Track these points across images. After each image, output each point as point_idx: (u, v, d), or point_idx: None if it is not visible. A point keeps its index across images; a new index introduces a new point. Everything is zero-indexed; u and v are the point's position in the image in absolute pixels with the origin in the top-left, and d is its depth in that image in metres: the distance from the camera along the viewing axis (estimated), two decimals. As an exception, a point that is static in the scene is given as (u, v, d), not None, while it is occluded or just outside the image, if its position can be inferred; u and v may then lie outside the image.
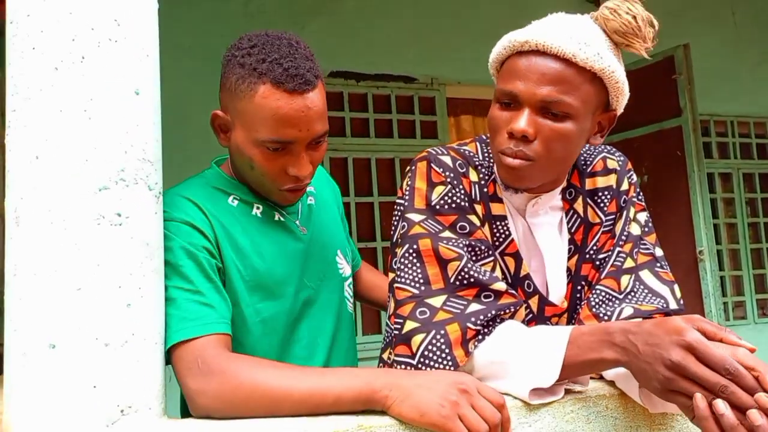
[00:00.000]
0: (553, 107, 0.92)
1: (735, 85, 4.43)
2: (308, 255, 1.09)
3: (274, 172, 0.99)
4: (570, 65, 0.91)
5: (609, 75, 0.93)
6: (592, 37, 0.93)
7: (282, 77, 0.94)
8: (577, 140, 0.96)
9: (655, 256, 1.03)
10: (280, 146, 0.97)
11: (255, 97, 0.94)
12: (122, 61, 0.81)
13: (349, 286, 1.19)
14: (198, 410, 0.84)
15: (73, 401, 0.74)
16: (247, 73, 0.95)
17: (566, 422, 0.86)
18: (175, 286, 0.90)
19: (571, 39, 0.91)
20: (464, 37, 3.68)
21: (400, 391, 0.79)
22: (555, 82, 0.91)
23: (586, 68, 0.92)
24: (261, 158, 0.98)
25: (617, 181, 1.08)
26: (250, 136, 0.97)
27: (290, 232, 1.09)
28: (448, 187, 0.98)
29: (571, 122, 0.93)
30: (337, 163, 3.45)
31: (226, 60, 1.00)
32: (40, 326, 0.75)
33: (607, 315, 0.95)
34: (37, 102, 0.78)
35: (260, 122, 0.95)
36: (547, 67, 0.91)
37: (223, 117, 1.01)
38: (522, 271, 1.01)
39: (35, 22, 0.78)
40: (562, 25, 0.94)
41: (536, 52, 0.92)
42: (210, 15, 3.12)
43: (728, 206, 4.51)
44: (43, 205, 0.77)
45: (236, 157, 1.03)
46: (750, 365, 0.71)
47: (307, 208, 1.14)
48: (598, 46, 0.93)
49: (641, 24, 0.93)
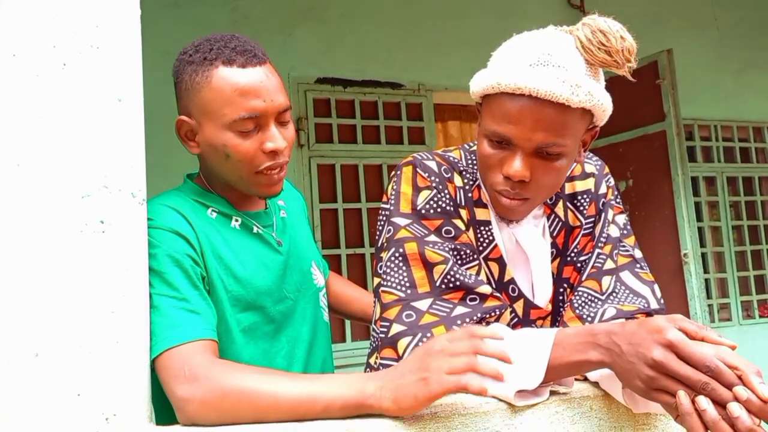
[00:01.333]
0: (548, 149, 0.92)
1: (718, 90, 4.49)
2: (287, 266, 1.10)
3: (250, 153, 0.99)
4: (563, 109, 0.90)
5: (599, 108, 0.93)
6: (578, 73, 0.91)
7: (232, 55, 0.97)
8: (568, 168, 0.97)
9: (635, 257, 1.04)
10: (250, 123, 0.97)
11: (212, 81, 0.97)
12: (104, 67, 0.81)
13: (323, 296, 1.20)
14: (185, 418, 0.83)
15: (58, 409, 0.74)
16: (198, 65, 0.98)
17: (551, 423, 0.86)
18: (160, 293, 0.89)
19: (563, 83, 0.89)
20: (451, 43, 3.71)
21: (389, 391, 0.79)
22: (549, 127, 0.90)
23: (578, 108, 0.91)
24: (234, 142, 0.98)
25: (595, 185, 1.09)
26: (219, 123, 0.97)
27: (269, 244, 1.09)
28: (434, 192, 0.99)
29: (565, 158, 0.94)
30: (324, 169, 3.45)
31: (176, 69, 1.02)
32: (23, 334, 0.74)
33: (590, 316, 0.96)
34: (18, 109, 0.77)
35: (224, 103, 0.96)
36: (541, 113, 0.90)
37: (188, 121, 1.01)
38: (506, 276, 1.02)
39: (16, 29, 0.78)
40: (550, 63, 0.91)
41: (528, 97, 0.90)
42: (195, 22, 3.12)
43: (712, 209, 4.56)
44: (25, 213, 0.76)
45: (210, 156, 1.02)
46: (732, 363, 0.72)
47: (281, 221, 1.15)
48: (586, 82, 0.91)
49: (617, 58, 0.91)
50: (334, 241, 3.43)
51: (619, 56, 0.90)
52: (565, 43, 0.94)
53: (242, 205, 1.09)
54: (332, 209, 3.45)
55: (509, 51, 0.95)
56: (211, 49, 0.98)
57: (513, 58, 0.93)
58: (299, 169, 3.36)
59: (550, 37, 0.94)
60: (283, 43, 3.37)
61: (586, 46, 0.92)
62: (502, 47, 0.99)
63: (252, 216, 1.09)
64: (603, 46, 0.91)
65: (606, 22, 0.92)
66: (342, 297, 1.37)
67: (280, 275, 1.08)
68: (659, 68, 3.28)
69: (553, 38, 0.94)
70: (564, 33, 0.96)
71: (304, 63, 3.42)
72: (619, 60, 0.91)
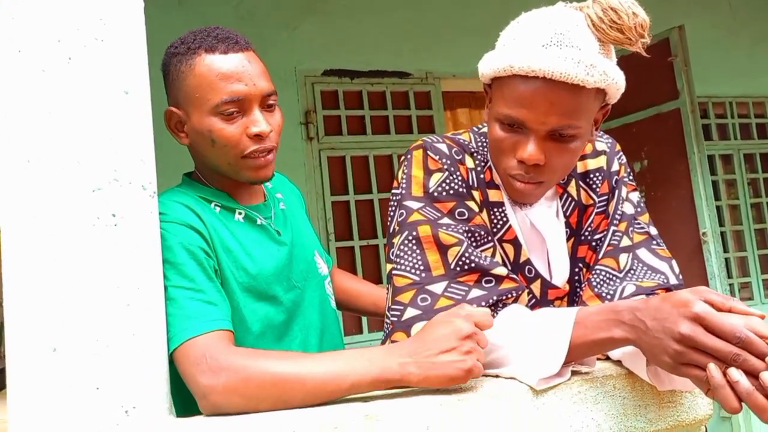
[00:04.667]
0: (562, 131, 0.90)
1: (732, 66, 4.41)
2: (292, 256, 1.11)
3: (235, 137, 1.00)
4: (578, 90, 0.88)
5: (613, 86, 0.91)
6: (592, 52, 0.88)
7: (213, 42, 1.00)
8: (582, 149, 0.96)
9: (650, 234, 1.03)
10: (233, 107, 0.99)
11: (195, 68, 0.99)
12: (110, 60, 0.80)
13: (328, 284, 1.20)
14: (210, 406, 0.82)
15: (77, 403, 0.74)
16: (182, 56, 1.00)
17: (573, 403, 0.85)
18: (176, 285, 0.89)
19: (578, 64, 0.86)
20: (457, 30, 3.67)
21: (416, 367, 0.80)
22: (564, 110, 0.88)
23: (593, 88, 0.89)
24: (218, 126, 0.99)
25: (607, 162, 1.07)
26: (204, 108, 0.99)
27: (273, 235, 1.10)
28: (446, 174, 0.98)
29: (579, 140, 0.93)
30: (334, 161, 3.45)
31: (163, 63, 1.05)
32: (40, 330, 0.74)
33: (609, 294, 0.95)
34: (25, 105, 0.77)
35: (207, 89, 0.98)
36: (556, 95, 0.87)
37: (176, 111, 1.03)
38: (522, 257, 1.01)
39: (20, 25, 0.78)
40: (563, 43, 0.88)
41: (542, 79, 0.87)
42: (201, 18, 3.11)
43: (730, 188, 4.49)
44: (37, 209, 0.76)
45: (198, 144, 1.03)
46: (763, 333, 0.70)
47: (281, 212, 1.16)
48: (600, 61, 0.88)
49: (630, 35, 0.88)
50: (347, 233, 3.43)
51: (632, 33, 0.88)
52: (577, 21, 0.91)
53: (243, 199, 1.10)
54: (344, 201, 3.44)
55: (520, 31, 0.92)
56: (194, 39, 1.01)
57: (524, 39, 0.90)
58: (309, 162, 3.36)
59: (561, 16, 0.91)
60: (288, 37, 3.36)
61: (597, 24, 0.89)
62: (512, 26, 0.96)
63: (253, 208, 1.10)
64: (615, 24, 0.88)
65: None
66: (351, 291, 1.36)
67: (287, 264, 1.09)
68: (671, 45, 3.22)
69: (564, 16, 0.91)
70: (574, 10, 0.93)
71: (311, 56, 3.40)
72: (632, 37, 0.88)
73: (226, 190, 1.08)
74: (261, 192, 1.15)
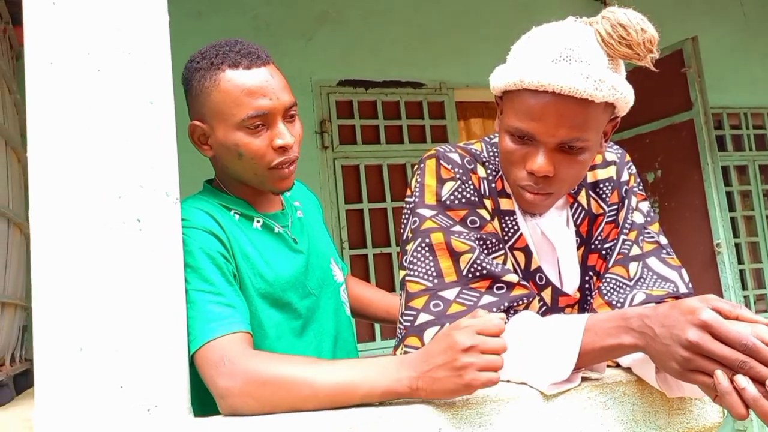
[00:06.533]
0: (571, 144, 0.92)
1: (746, 76, 4.39)
2: (308, 263, 1.13)
3: (261, 150, 1.02)
4: (587, 104, 0.90)
5: (622, 100, 0.93)
6: (601, 67, 0.90)
7: (237, 58, 1.02)
8: (591, 161, 0.98)
9: (660, 243, 1.04)
10: (259, 121, 1.01)
11: (220, 84, 1.01)
12: (136, 71, 0.84)
13: (344, 291, 1.22)
14: (227, 407, 0.85)
15: (102, 401, 0.76)
16: (205, 71, 1.02)
17: (583, 409, 0.86)
18: (197, 288, 0.92)
19: (587, 79, 0.88)
20: (470, 40, 3.70)
21: (423, 382, 0.81)
22: (573, 123, 0.90)
23: (602, 102, 0.91)
24: (246, 140, 1.02)
25: (617, 173, 1.09)
26: (230, 123, 1.01)
27: (289, 243, 1.12)
28: (458, 183, 1.00)
29: (588, 152, 0.95)
30: (349, 170, 3.48)
31: (184, 76, 1.07)
32: (67, 330, 0.77)
33: (620, 302, 0.96)
34: (56, 114, 0.81)
35: (233, 104, 1.00)
36: (565, 109, 0.89)
37: (200, 125, 1.05)
38: (533, 265, 1.03)
39: (51, 38, 0.81)
40: (572, 59, 0.90)
41: (551, 94, 0.89)
42: (220, 29, 3.17)
43: (745, 198, 4.45)
44: (66, 214, 0.79)
45: (224, 157, 1.05)
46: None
47: (298, 221, 1.18)
48: (609, 76, 0.90)
49: (638, 51, 0.90)
50: (361, 242, 3.45)
51: (641, 49, 0.89)
52: (586, 36, 0.93)
53: (262, 207, 1.12)
54: (358, 210, 3.47)
55: (530, 46, 0.94)
56: (216, 54, 1.03)
57: (534, 54, 0.92)
58: (324, 171, 3.39)
59: (570, 31, 0.93)
60: (304, 47, 3.41)
61: (607, 40, 0.91)
62: (522, 41, 0.98)
63: (271, 216, 1.12)
64: (624, 40, 0.90)
65: (626, 14, 0.90)
66: (364, 299, 1.38)
67: (303, 272, 1.11)
68: (684, 56, 3.23)
69: (573, 32, 0.93)
70: (584, 25, 0.95)
71: (326, 66, 3.45)
72: (641, 52, 0.90)
73: (245, 199, 1.10)
74: (279, 200, 1.18)
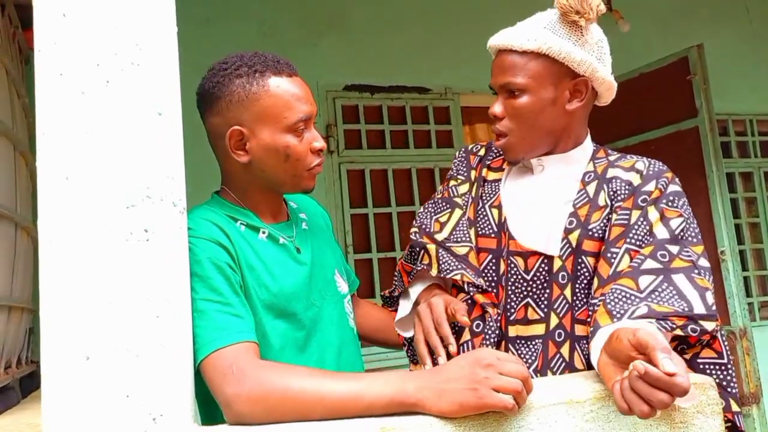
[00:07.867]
0: (510, 87, 1.14)
1: (752, 83, 4.38)
2: (312, 274, 1.14)
3: (305, 152, 1.08)
4: (513, 53, 1.14)
5: (547, 50, 1.11)
6: (536, 27, 1.13)
7: (278, 66, 1.07)
8: (540, 108, 1.14)
9: (695, 263, 1.02)
10: (303, 125, 1.07)
11: (270, 90, 1.05)
12: (145, 83, 0.85)
13: (348, 302, 1.23)
14: (233, 416, 0.86)
15: (108, 410, 0.77)
16: (249, 78, 1.04)
17: (585, 422, 0.87)
18: (204, 298, 0.93)
19: (518, 34, 1.14)
20: (476, 46, 3.68)
21: (431, 392, 0.82)
22: (506, 69, 1.14)
23: (527, 51, 1.12)
24: (294, 142, 1.06)
25: (641, 181, 1.12)
26: (280, 126, 1.05)
27: (294, 254, 1.13)
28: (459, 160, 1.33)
29: (527, 96, 1.13)
30: (354, 175, 3.49)
31: (217, 83, 1.05)
32: (75, 339, 0.78)
33: (620, 313, 0.96)
34: (65, 125, 0.82)
35: (284, 108, 1.05)
36: (501, 60, 1.16)
37: (240, 129, 1.05)
38: (502, 219, 1.19)
39: (61, 49, 0.83)
40: (517, 26, 1.17)
41: (499, 51, 1.17)
42: (227, 36, 3.18)
43: (750, 205, 4.44)
44: (74, 224, 0.80)
45: (266, 160, 1.06)
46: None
47: (302, 232, 1.19)
48: (542, 34, 1.12)
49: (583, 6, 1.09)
50: (365, 246, 3.46)
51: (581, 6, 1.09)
52: (546, 14, 1.16)
53: (268, 218, 1.13)
54: (363, 214, 3.47)
55: None
56: (255, 62, 1.06)
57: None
58: (329, 175, 3.40)
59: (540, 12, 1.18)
60: (310, 53, 3.42)
61: (558, 2, 1.11)
62: None
63: (277, 227, 1.13)
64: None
65: None
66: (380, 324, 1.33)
67: (307, 282, 1.12)
68: (690, 64, 3.22)
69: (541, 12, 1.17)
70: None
71: (332, 71, 3.46)
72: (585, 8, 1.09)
73: (254, 208, 1.11)
74: (285, 212, 1.19)
